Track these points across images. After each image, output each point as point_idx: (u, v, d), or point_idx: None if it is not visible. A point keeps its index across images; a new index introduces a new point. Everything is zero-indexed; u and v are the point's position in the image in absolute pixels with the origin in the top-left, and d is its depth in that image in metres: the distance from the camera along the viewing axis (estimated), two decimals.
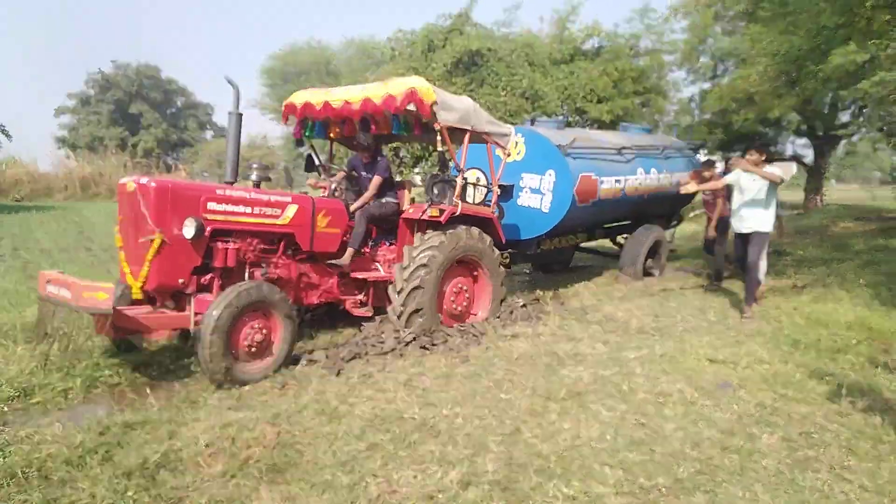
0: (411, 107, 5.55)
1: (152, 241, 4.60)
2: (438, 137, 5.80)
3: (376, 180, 6.23)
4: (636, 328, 6.40)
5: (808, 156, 22.16)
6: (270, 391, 4.57)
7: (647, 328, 6.37)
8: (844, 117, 20.14)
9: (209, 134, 50.90)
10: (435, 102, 5.53)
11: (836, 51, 6.70)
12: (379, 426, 3.93)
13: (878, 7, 6.25)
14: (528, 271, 8.80)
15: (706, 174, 8.64)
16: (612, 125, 16.53)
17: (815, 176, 20.72)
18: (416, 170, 19.96)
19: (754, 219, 6.95)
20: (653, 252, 9.12)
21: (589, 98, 16.59)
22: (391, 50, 20.43)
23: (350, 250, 5.87)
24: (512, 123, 15.89)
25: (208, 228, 4.85)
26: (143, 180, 4.69)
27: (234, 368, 4.59)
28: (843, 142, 20.84)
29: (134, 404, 4.40)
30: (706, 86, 21.49)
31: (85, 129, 45.41)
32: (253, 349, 4.76)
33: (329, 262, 5.83)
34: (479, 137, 6.32)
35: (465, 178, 6.21)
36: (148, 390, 4.56)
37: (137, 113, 46.21)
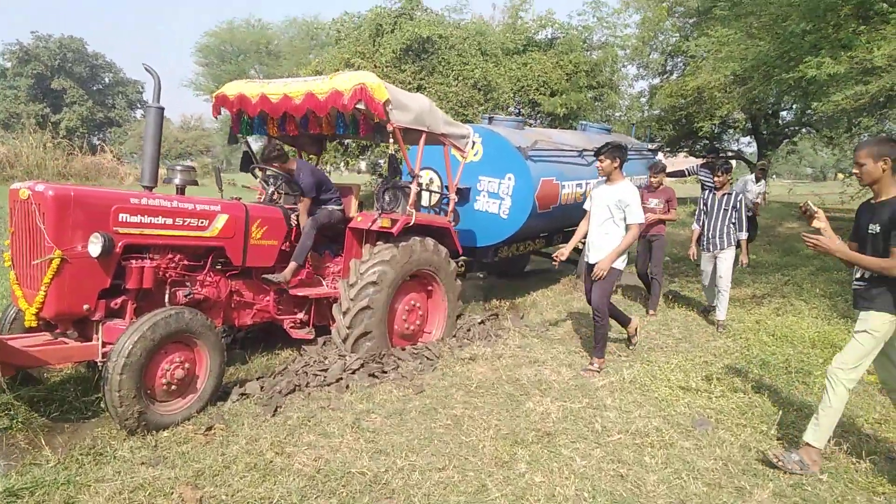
0: (361, 105, 4.92)
1: (50, 260, 3.84)
2: (391, 139, 5.18)
3: (304, 203, 5.52)
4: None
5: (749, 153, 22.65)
6: (193, 438, 3.90)
7: (612, 347, 5.98)
8: (787, 117, 20.60)
9: (139, 113, 48.19)
10: (388, 101, 4.92)
11: (807, 61, 6.46)
12: (322, 485, 3.35)
13: (847, 16, 6.04)
14: (481, 276, 8.33)
15: (654, 180, 7.54)
16: (564, 119, 16.23)
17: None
18: (361, 158, 19.21)
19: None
20: None
21: (542, 91, 16.20)
22: (336, 32, 19.52)
23: (293, 265, 5.22)
24: (463, 114, 15.47)
25: (119, 244, 4.12)
26: (39, 187, 3.91)
27: (149, 411, 3.91)
28: (786, 141, 21.29)
29: (26, 457, 3.68)
30: (655, 81, 21.58)
31: (1, 104, 42.15)
32: (172, 387, 4.08)
33: (265, 276, 5.16)
34: (434, 139, 5.74)
35: (419, 185, 5.63)
36: (43, 439, 3.83)
37: (60, 89, 43.27)
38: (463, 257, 6.82)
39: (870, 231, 3.54)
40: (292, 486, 3.31)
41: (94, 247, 3.93)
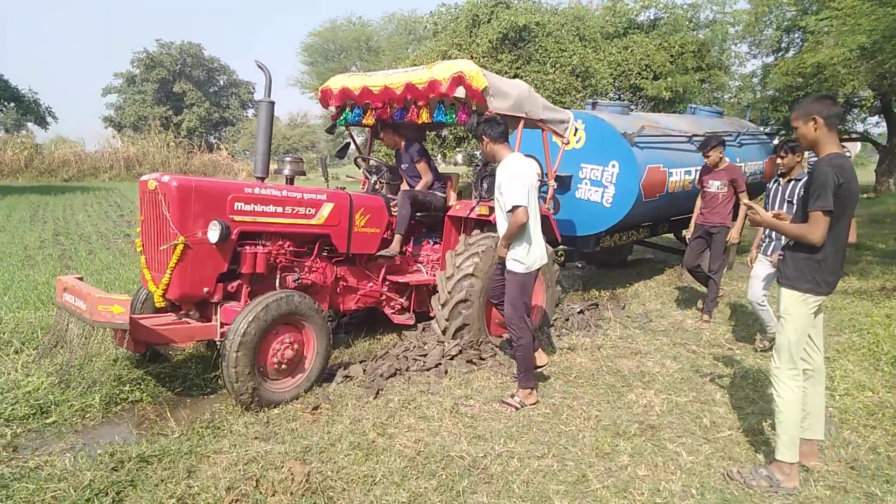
0: (460, 93, 4.93)
1: (175, 246, 4.15)
2: None
3: (423, 165, 5.71)
4: (708, 340, 5.72)
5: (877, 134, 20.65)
6: (301, 416, 4.09)
7: (721, 340, 5.69)
8: None
9: (251, 112, 50.91)
10: (486, 88, 4.90)
11: None
12: (422, 467, 3.41)
13: None
14: (580, 265, 8.15)
15: (708, 159, 6.42)
16: (669, 103, 15.54)
17: (888, 156, 19.22)
18: (458, 150, 19.32)
19: None
20: None
21: (644, 74, 15.57)
22: (434, 25, 19.70)
23: (398, 237, 5.37)
24: (561, 102, 15.17)
25: (235, 231, 4.38)
26: (165, 178, 4.23)
27: (261, 388, 4.14)
28: None
29: (154, 427, 4.00)
30: (769, 60, 20.15)
31: (130, 108, 45.97)
32: (283, 366, 4.29)
33: (379, 253, 5.34)
34: (533, 124, 5.66)
35: None
36: (169, 412, 4.15)
37: (181, 92, 46.49)
38: (563, 246, 6.69)
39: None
40: (394, 466, 3.39)
41: (213, 233, 4.20)
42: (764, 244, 5.33)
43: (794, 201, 4.97)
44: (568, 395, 4.49)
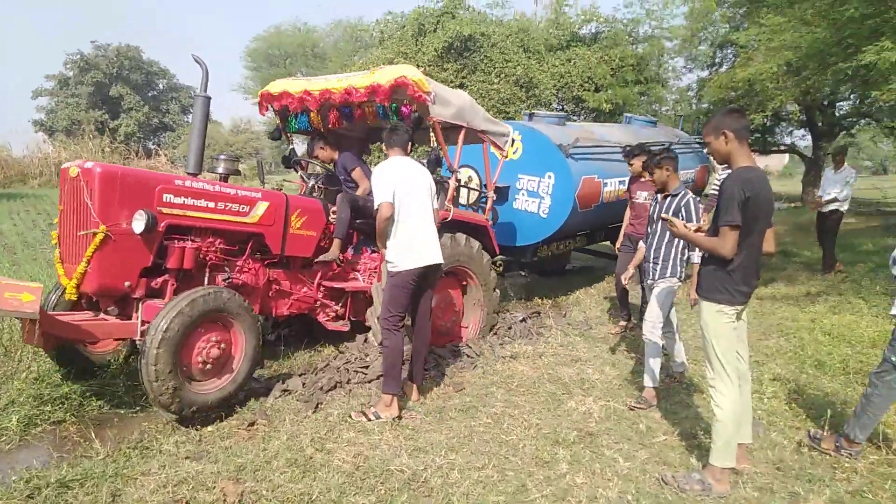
0: (401, 96, 4.91)
1: (94, 234, 3.95)
2: (431, 134, 5.16)
3: (358, 172, 5.64)
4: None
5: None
6: (236, 433, 3.96)
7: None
8: (844, 107, 19.68)
9: (191, 118, 49.65)
10: (428, 93, 4.90)
11: (866, 48, 6.10)
12: (361, 482, 3.35)
13: None
14: (524, 273, 8.24)
15: (632, 168, 6.30)
16: (610, 115, 15.94)
17: (813, 167, 20.24)
18: None
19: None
20: None
21: (586, 86, 15.96)
22: (380, 33, 19.69)
23: (337, 241, 5.26)
24: (505, 112, 15.37)
25: (162, 223, 4.21)
26: (88, 164, 4.05)
27: (184, 388, 3.94)
28: (843, 133, 20.37)
29: (77, 449, 3.79)
30: (704, 74, 20.96)
31: (63, 112, 43.98)
32: (208, 366, 4.12)
33: (318, 259, 5.25)
34: (474, 136, 5.69)
35: (458, 180, 5.59)
36: (93, 432, 3.95)
37: (118, 96, 44.83)
38: (501, 256, 6.74)
39: None
40: (332, 483, 3.31)
41: (138, 223, 4.03)
42: (647, 266, 4.75)
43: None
44: (509, 403, 4.50)
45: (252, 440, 3.85)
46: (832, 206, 8.41)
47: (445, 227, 5.40)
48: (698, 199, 4.68)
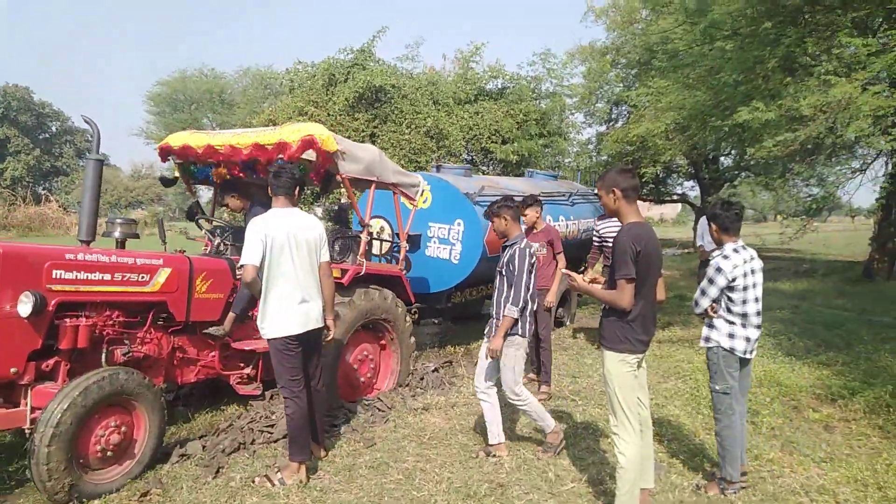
0: (309, 155, 4.90)
1: None
2: (341, 188, 5.17)
3: None
4: (553, 392, 6.00)
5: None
6: None
7: (566, 392, 5.99)
8: (726, 162, 21.53)
9: None
10: (336, 151, 4.93)
11: (742, 108, 6.80)
12: None
13: (775, 68, 6.40)
14: (436, 322, 8.28)
15: (526, 217, 6.24)
16: (517, 166, 16.56)
17: (701, 215, 21.86)
18: (317, 205, 19.13)
19: None
20: (563, 300, 8.87)
21: (494, 139, 16.56)
22: (290, 81, 19.66)
23: (231, 316, 5.03)
24: (416, 161, 15.64)
25: (53, 302, 3.92)
26: None
27: (81, 483, 3.66)
28: (726, 184, 22.19)
29: None
30: (602, 129, 22.36)
31: None
32: (108, 453, 3.85)
33: (205, 331, 4.99)
34: (385, 186, 5.76)
35: (370, 234, 5.60)
36: None
37: (4, 138, 42.02)
38: (416, 304, 6.78)
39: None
40: None
41: (25, 306, 3.74)
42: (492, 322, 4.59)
43: (503, 271, 4.49)
44: (421, 457, 4.45)
45: None
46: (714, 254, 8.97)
47: (359, 280, 5.38)
48: (534, 247, 4.97)
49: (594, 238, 7.60)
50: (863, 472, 4.16)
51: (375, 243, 6.95)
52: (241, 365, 5.29)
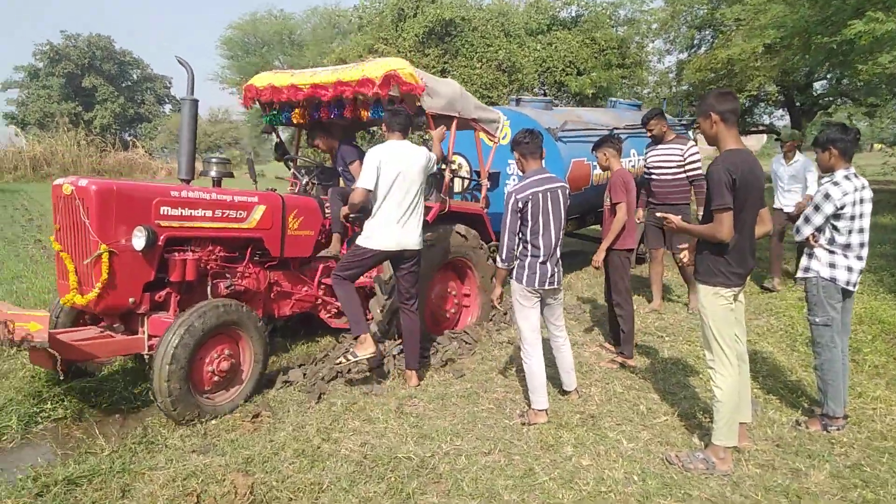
0: (394, 91, 4.88)
1: (99, 257, 3.91)
2: (424, 126, 5.14)
3: (356, 166, 5.59)
4: (639, 328, 5.93)
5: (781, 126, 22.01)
6: (241, 426, 3.96)
7: (652, 328, 5.91)
8: (820, 88, 19.97)
9: (167, 108, 48.87)
10: (421, 87, 4.88)
11: (854, 20, 6.15)
12: (370, 471, 3.38)
13: None
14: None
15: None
16: (593, 99, 15.98)
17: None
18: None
19: None
20: (643, 238, 8.63)
21: (568, 70, 15.97)
22: (359, 19, 19.50)
23: (336, 236, 5.24)
24: (488, 97, 15.34)
25: (162, 237, 4.17)
26: (83, 182, 3.97)
27: (196, 403, 3.96)
28: (820, 112, 20.67)
29: (81, 446, 3.77)
30: (683, 56, 21.11)
31: (35, 104, 43.11)
32: (218, 378, 4.14)
33: (319, 254, 5.26)
34: (466, 124, 5.69)
35: (452, 171, 5.58)
36: (97, 429, 3.93)
37: (91, 87, 44.03)
38: (495, 242, 6.78)
39: None
40: (341, 472, 3.34)
41: (139, 240, 3.99)
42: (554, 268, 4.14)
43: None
44: (510, 388, 4.55)
45: (257, 432, 3.86)
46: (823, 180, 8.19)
47: (442, 218, 5.41)
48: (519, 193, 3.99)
49: (644, 170, 6.71)
50: None
51: (455, 182, 6.92)
52: (333, 300, 5.48)
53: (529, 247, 3.94)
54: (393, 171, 4.30)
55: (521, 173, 4.19)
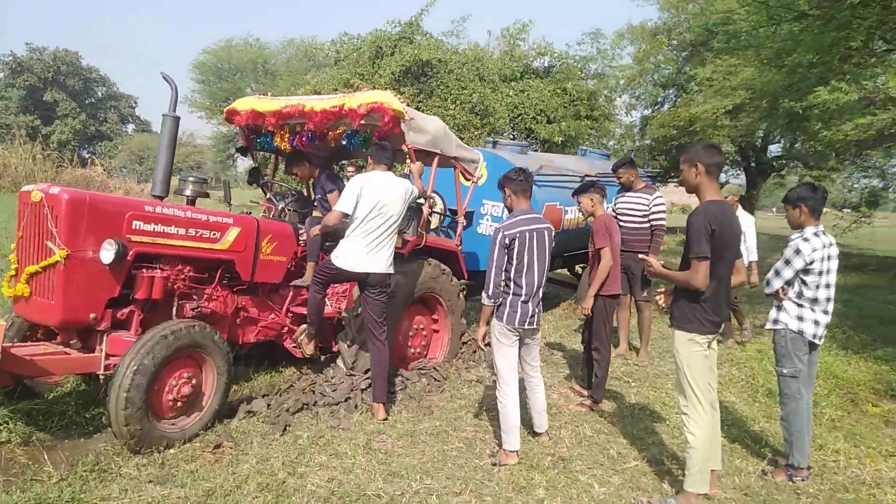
0: (372, 120, 4.90)
1: (59, 264, 3.74)
2: (407, 160, 5.16)
3: (335, 196, 5.55)
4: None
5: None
6: (201, 456, 3.79)
7: (618, 373, 5.94)
8: (775, 151, 20.95)
9: (130, 127, 48.03)
10: (405, 120, 4.92)
11: (819, 88, 6.52)
12: None
13: (856, 49, 6.11)
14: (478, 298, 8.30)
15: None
16: (562, 146, 16.36)
17: (748, 206, 21.35)
18: None
19: None
20: None
21: (539, 118, 16.35)
22: (336, 53, 19.66)
23: (311, 264, 5.13)
24: (460, 137, 15.54)
25: (132, 252, 4.03)
26: (54, 190, 3.84)
27: (153, 430, 3.77)
28: (773, 173, 21.61)
29: (27, 473, 3.53)
30: (647, 112, 21.91)
31: None
32: (178, 404, 3.96)
33: (292, 283, 5.19)
34: (446, 161, 5.73)
35: (431, 207, 5.60)
36: (45, 455, 3.70)
37: (52, 101, 43.08)
38: (464, 281, 6.78)
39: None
40: None
41: (107, 253, 3.84)
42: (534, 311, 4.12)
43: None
44: (479, 427, 4.49)
45: (219, 464, 3.70)
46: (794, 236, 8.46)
47: (418, 252, 5.40)
48: (505, 231, 4.00)
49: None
50: None
51: (431, 217, 6.93)
52: (299, 328, 5.36)
53: (512, 285, 3.94)
54: (373, 200, 4.40)
55: (508, 211, 4.20)
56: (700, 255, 3.25)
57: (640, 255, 4.22)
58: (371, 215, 4.41)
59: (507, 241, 3.90)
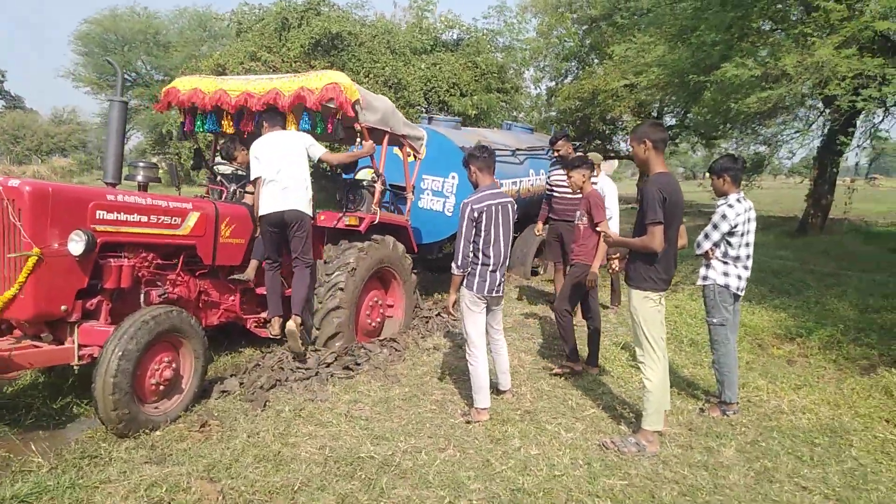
0: (331, 103, 5.00)
1: (26, 258, 3.65)
2: (358, 139, 5.30)
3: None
4: (551, 333, 6.45)
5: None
6: (189, 435, 3.87)
7: (553, 332, 6.44)
8: (670, 121, 22.43)
9: (0, 104, 43.67)
10: (358, 101, 5.05)
11: (726, 64, 7.21)
12: (338, 470, 3.49)
13: (754, 28, 6.80)
14: (416, 272, 8.58)
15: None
16: (475, 119, 16.73)
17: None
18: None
19: None
20: (539, 251, 9.31)
21: (452, 91, 16.60)
22: (237, 24, 18.89)
23: (254, 262, 5.19)
24: None
25: (98, 242, 3.98)
26: (13, 182, 3.70)
27: (139, 414, 3.81)
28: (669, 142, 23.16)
29: (13, 465, 3.49)
30: (551, 84, 22.76)
31: None
32: (161, 387, 4.01)
33: (231, 277, 5.14)
34: (395, 139, 5.91)
35: (384, 184, 5.77)
36: (32, 445, 3.65)
37: None
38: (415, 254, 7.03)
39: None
40: (309, 473, 3.41)
41: (77, 245, 3.78)
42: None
43: None
44: (446, 391, 4.81)
45: (209, 441, 3.80)
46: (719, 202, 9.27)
47: (372, 229, 5.58)
48: (474, 206, 4.21)
49: (546, 188, 7.20)
50: (833, 395, 4.83)
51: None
52: (259, 309, 5.44)
53: (482, 256, 4.23)
54: (267, 155, 4.94)
55: (473, 187, 4.46)
56: (655, 221, 3.67)
57: (599, 228, 4.60)
58: (272, 167, 4.86)
59: (475, 214, 4.17)
